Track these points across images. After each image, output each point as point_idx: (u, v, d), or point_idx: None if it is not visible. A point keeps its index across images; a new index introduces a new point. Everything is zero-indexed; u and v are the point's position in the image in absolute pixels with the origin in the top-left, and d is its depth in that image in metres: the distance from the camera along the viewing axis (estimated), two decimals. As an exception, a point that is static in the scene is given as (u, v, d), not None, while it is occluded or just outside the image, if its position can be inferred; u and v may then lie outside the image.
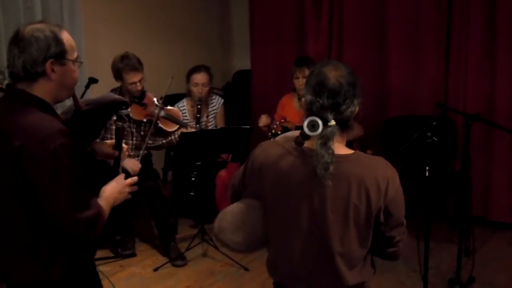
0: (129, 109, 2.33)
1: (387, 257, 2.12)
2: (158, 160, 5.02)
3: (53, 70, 1.96)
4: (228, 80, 6.37)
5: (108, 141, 2.46)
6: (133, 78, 4.26)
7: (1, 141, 1.92)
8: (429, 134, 3.20)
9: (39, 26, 1.98)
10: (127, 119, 2.35)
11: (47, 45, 1.94)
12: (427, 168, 3.23)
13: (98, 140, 2.45)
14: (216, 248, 4.33)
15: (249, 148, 4.44)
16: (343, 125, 1.93)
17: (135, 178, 2.24)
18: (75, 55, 2.04)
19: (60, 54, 1.97)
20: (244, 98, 6.03)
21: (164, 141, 4.54)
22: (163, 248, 4.45)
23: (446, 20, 4.73)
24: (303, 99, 1.98)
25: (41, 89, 1.97)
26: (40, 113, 1.94)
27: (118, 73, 4.30)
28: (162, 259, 4.35)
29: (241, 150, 4.33)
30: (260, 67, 5.84)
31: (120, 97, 2.43)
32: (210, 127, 4.79)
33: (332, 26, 5.26)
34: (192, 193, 4.19)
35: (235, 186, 2.20)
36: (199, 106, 4.67)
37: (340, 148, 1.94)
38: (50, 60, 1.94)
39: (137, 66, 4.28)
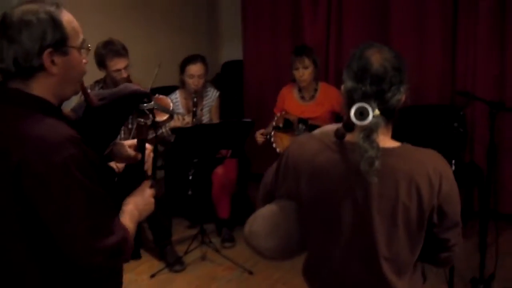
0: (152, 102, 1.98)
1: (439, 263, 1.92)
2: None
3: (53, 62, 1.56)
4: (217, 72, 6.08)
5: (128, 141, 2.03)
6: (117, 64, 3.94)
7: None
8: (455, 124, 2.98)
9: (31, 7, 1.56)
10: (150, 115, 1.99)
11: (42, 31, 1.53)
12: (454, 161, 3.00)
13: (116, 141, 2.05)
14: (217, 250, 4.08)
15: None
16: (389, 115, 1.72)
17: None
18: (80, 40, 1.63)
19: (60, 42, 1.56)
20: (234, 90, 5.73)
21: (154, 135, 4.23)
22: (158, 252, 4.15)
23: (452, 3, 4.50)
24: (342, 86, 1.75)
25: (40, 87, 1.58)
26: (43, 118, 1.55)
27: (101, 60, 3.96)
28: (158, 264, 4.05)
29: (240, 145, 4.08)
30: (253, 57, 5.53)
31: (140, 88, 2.03)
32: (204, 121, 4.49)
33: (331, 11, 4.97)
34: (190, 193, 3.92)
35: (267, 185, 1.96)
36: (194, 99, 4.35)
37: (386, 141, 1.73)
38: (48, 50, 1.54)
39: (122, 51, 3.96)
